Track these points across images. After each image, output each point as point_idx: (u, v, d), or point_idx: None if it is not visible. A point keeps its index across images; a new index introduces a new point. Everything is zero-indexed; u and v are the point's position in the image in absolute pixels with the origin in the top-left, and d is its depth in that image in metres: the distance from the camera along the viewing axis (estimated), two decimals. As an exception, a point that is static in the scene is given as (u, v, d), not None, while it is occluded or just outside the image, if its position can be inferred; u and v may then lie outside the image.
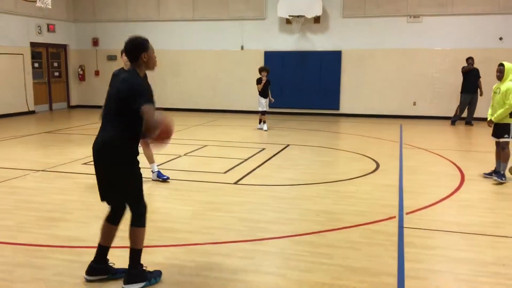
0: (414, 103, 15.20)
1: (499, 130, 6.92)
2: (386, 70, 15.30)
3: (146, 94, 3.43)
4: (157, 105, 11.91)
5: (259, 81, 12.24)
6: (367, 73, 15.45)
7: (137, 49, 3.60)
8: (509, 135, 6.83)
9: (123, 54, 3.96)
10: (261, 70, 12.29)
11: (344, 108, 15.83)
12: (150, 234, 4.70)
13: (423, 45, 14.88)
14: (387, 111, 15.37)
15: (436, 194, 6.24)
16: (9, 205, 5.67)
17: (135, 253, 3.66)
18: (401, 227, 4.97)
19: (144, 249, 3.73)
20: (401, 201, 5.95)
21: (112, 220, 3.76)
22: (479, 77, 13.39)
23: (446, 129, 12.93)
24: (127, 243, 3.70)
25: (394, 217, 5.31)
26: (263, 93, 12.25)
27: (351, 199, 6.05)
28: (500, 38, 14.18)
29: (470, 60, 13.52)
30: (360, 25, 15.30)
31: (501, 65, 6.89)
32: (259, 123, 12.66)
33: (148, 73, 4.19)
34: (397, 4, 14.90)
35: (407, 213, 5.43)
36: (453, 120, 13.72)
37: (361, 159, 8.70)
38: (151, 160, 6.88)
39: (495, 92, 6.91)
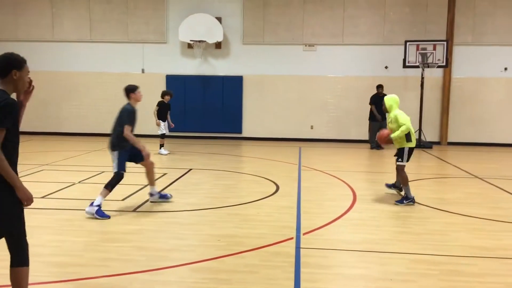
0: (312, 127, 15.94)
1: (396, 153, 7.41)
2: (285, 95, 15.92)
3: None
4: (51, 129, 11.14)
5: (160, 104, 12.14)
6: (268, 98, 15.96)
7: (8, 64, 3.28)
8: (402, 159, 7.25)
9: None
10: (164, 93, 12.23)
11: (246, 131, 16.14)
12: (37, 271, 4.36)
13: (318, 72, 15.75)
14: (287, 134, 15.94)
15: (331, 214, 6.54)
16: None
17: None
18: (298, 248, 5.11)
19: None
20: (299, 222, 6.15)
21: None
22: None
23: (342, 151, 13.69)
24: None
25: (292, 238, 5.46)
26: (162, 117, 12.15)
27: (252, 222, 6.13)
28: (386, 67, 15.46)
29: (380, 88, 13.93)
30: (260, 51, 15.82)
31: (383, 100, 7.53)
32: (160, 147, 12.47)
33: (42, 96, 3.92)
34: (293, 33, 15.66)
35: (304, 234, 5.61)
36: (372, 146, 14.05)
37: (262, 181, 8.89)
38: (152, 183, 7.01)
39: (389, 122, 7.43)
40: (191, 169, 10.03)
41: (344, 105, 15.71)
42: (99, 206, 6.22)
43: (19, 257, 3.28)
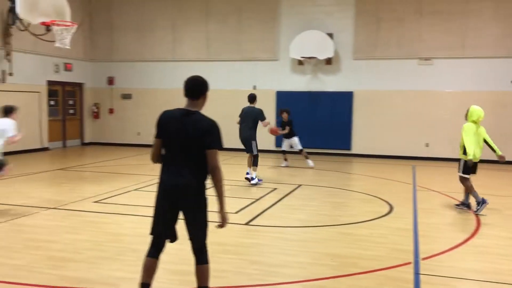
0: (427, 145, 15.12)
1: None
2: (398, 111, 15.32)
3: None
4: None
5: (280, 123, 12.62)
6: (379, 114, 15.48)
7: (206, 86, 3.88)
8: (458, 169, 7.69)
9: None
10: (281, 111, 12.70)
11: (356, 148, 15.79)
12: (160, 277, 4.63)
13: (434, 87, 14.95)
14: (399, 152, 15.29)
15: (452, 239, 6.09)
16: (19, 244, 5.64)
17: None
18: (417, 274, 4.83)
19: (153, 293, 3.65)
20: (416, 246, 5.81)
21: (157, 254, 3.86)
22: None
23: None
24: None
25: (410, 263, 5.17)
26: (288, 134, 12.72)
27: (365, 243, 5.93)
28: (512, 81, 14.22)
29: None
30: (371, 67, 15.46)
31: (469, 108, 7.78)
32: (285, 160, 13.10)
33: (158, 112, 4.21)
34: (408, 47, 15.08)
35: (423, 259, 5.29)
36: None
37: (373, 201, 8.59)
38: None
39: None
40: (300, 185, 10.03)
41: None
42: (255, 177, 9.71)
43: (206, 255, 3.90)
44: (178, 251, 5.48)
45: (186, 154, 3.65)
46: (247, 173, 10.09)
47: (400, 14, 15.08)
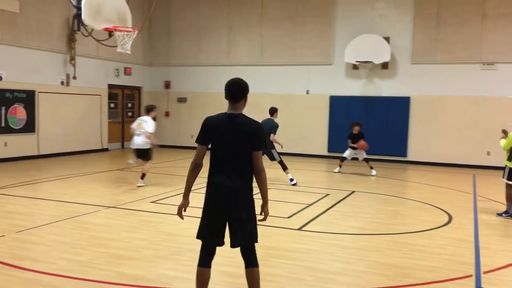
0: (488, 153, 14.45)
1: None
2: (458, 118, 14.75)
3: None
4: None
5: (350, 136, 12.62)
6: (437, 120, 14.97)
7: (247, 88, 3.92)
8: (503, 176, 7.69)
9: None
10: (353, 125, 12.65)
11: (412, 155, 15.34)
12: (214, 278, 4.69)
13: (497, 93, 14.27)
14: (458, 160, 14.71)
15: (517, 253, 5.78)
16: (83, 240, 5.89)
17: None
18: (478, 287, 4.63)
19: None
20: (478, 258, 5.56)
21: (209, 262, 3.91)
22: None
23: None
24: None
25: (471, 275, 4.96)
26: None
27: (422, 253, 5.74)
28: None
29: None
30: (430, 71, 14.99)
31: None
32: (340, 166, 12.99)
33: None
34: (469, 51, 14.50)
35: (484, 272, 5.06)
36: None
37: (431, 210, 8.31)
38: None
39: None
40: (354, 191, 9.86)
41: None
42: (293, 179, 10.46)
43: (256, 259, 3.87)
44: (233, 253, 5.54)
45: (234, 157, 3.68)
46: (291, 179, 10.61)
47: (462, 17, 14.54)
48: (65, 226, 6.55)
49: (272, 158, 10.71)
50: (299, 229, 6.71)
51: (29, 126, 13.90)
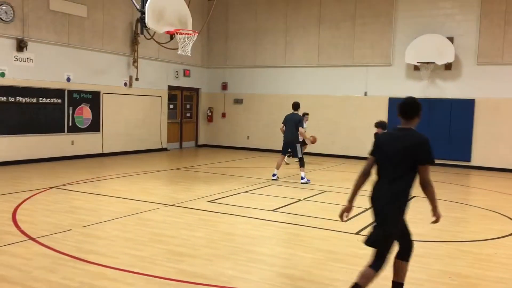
0: (561, 159, 13.55)
1: None
2: (527, 121, 13.93)
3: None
4: (279, 147, 11.89)
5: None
6: (504, 124, 14.21)
7: (420, 107, 4.06)
8: None
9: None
10: (376, 125, 11.47)
11: (476, 160, 14.66)
12: (272, 280, 4.70)
13: None
14: (527, 166, 13.89)
15: None
16: (144, 237, 6.08)
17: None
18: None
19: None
20: (552, 272, 5.22)
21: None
22: None
23: None
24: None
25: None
26: None
27: (488, 263, 5.46)
28: None
29: None
30: (496, 72, 14.27)
31: None
32: None
33: (274, 117, 4.34)
34: (541, 50, 13.68)
35: (558, 286, 4.74)
36: None
37: (497, 218, 7.89)
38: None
39: None
40: (414, 196, 9.51)
41: None
42: (305, 177, 10.62)
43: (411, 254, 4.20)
44: (290, 256, 5.53)
45: (392, 168, 3.91)
46: (274, 174, 10.99)
47: (533, 15, 13.73)
48: (127, 222, 6.79)
49: (294, 153, 11.03)
50: (357, 233, 6.58)
51: (94, 126, 14.55)
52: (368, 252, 5.71)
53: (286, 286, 4.57)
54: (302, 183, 10.64)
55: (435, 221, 4.17)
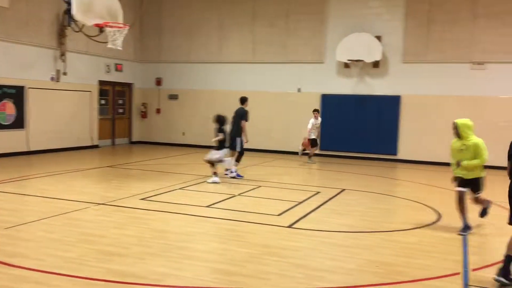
0: (478, 152, 14.55)
1: (466, 184, 6.85)
2: (448, 117, 14.69)
3: None
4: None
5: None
6: (428, 119, 15.04)
7: None
8: (480, 190, 6.94)
9: None
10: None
11: (403, 153, 15.42)
12: (205, 275, 4.68)
13: (488, 93, 14.38)
14: (448, 159, 14.74)
15: (503, 250, 5.81)
16: (72, 237, 5.83)
17: None
18: (466, 285, 4.65)
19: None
20: (466, 256, 5.60)
21: None
22: None
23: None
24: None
25: (458, 273, 4.98)
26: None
27: (413, 251, 5.76)
28: None
29: None
30: (421, 70, 15.06)
31: (454, 123, 6.95)
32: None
33: (207, 113, 4.28)
34: (460, 50, 14.58)
35: (473, 270, 5.09)
36: None
37: (421, 208, 8.35)
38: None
39: (461, 149, 6.84)
40: (344, 189, 9.89)
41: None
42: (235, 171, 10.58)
43: None
44: (224, 251, 5.53)
45: None
46: (231, 171, 10.83)
47: (453, 16, 14.62)
48: (54, 223, 6.49)
49: (235, 146, 10.85)
50: (290, 226, 6.71)
51: (19, 122, 13.76)
52: (302, 245, 5.86)
53: (220, 281, 4.57)
54: (229, 176, 10.63)
55: None
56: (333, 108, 15.87)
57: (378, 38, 15.08)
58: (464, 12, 14.50)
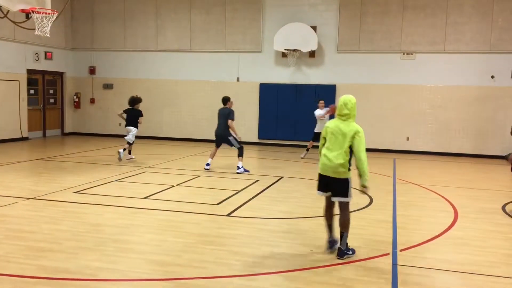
0: (407, 138, 15.31)
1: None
2: (380, 105, 15.46)
3: None
4: (152, 134, 11.90)
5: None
6: (361, 107, 15.45)
7: None
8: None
9: None
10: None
11: (338, 141, 15.87)
12: (139, 268, 4.62)
13: (416, 82, 15.11)
14: (380, 145, 15.44)
15: (430, 231, 6.20)
16: (-3, 234, 5.56)
17: None
18: (394, 265, 4.91)
19: (131, 283, 3.63)
20: (395, 237, 5.90)
21: None
22: None
23: (440, 165, 12.97)
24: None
25: (388, 254, 5.25)
26: None
27: (345, 235, 5.98)
28: (492, 77, 14.43)
29: None
30: (354, 60, 15.55)
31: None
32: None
33: (145, 103, 4.21)
34: (390, 41, 15.20)
35: (400, 250, 5.38)
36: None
37: (354, 193, 8.63)
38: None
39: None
40: (282, 177, 10.07)
41: (444, 116, 14.90)
42: (242, 167, 10.42)
43: None
44: (160, 242, 5.48)
45: None
46: (207, 164, 10.71)
47: (384, 8, 15.18)
48: (-22, 220, 6.14)
49: (231, 144, 10.73)
50: (228, 215, 6.76)
51: None
52: (239, 233, 5.92)
53: (156, 272, 4.54)
54: (238, 172, 10.38)
55: None
56: (271, 96, 16.05)
57: (314, 28, 15.38)
58: (394, 5, 15.09)
